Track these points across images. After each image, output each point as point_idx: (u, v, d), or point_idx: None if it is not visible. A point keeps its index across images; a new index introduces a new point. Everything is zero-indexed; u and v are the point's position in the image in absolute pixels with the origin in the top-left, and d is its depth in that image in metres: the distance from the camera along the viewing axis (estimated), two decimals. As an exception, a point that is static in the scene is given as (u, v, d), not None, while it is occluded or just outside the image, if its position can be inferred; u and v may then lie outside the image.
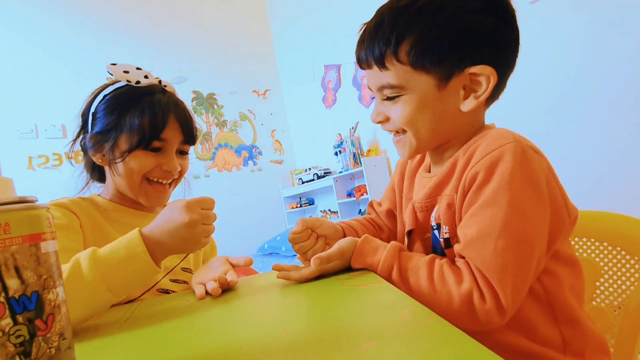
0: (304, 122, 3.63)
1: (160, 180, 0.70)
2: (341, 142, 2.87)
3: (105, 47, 3.01)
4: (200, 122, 3.39)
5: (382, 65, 0.52)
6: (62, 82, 2.75)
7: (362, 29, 0.55)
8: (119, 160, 0.66)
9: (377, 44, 0.52)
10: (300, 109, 3.64)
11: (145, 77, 0.68)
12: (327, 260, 0.51)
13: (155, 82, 0.70)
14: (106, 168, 0.71)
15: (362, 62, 0.55)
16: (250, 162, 3.58)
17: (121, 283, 0.47)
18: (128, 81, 0.67)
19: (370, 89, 0.58)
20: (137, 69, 0.68)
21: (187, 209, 0.50)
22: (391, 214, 0.73)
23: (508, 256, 0.43)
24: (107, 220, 0.68)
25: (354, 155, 2.71)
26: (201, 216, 0.50)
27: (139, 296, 0.64)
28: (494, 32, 0.50)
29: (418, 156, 0.68)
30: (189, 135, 0.71)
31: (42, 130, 2.74)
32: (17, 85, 2.69)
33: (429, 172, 0.63)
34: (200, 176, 3.30)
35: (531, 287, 0.48)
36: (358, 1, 2.56)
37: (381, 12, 0.53)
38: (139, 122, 0.64)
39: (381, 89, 0.54)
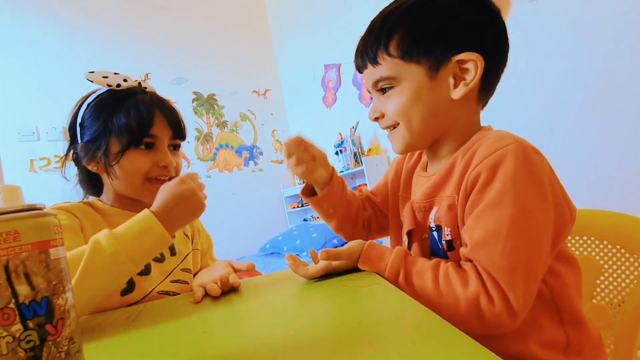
0: (304, 122, 3.62)
1: (159, 177, 0.71)
2: (342, 142, 2.87)
3: (105, 49, 3.01)
4: (201, 123, 3.40)
5: (375, 62, 0.55)
6: (63, 84, 2.75)
7: (358, 41, 0.59)
8: (114, 162, 0.67)
9: (370, 45, 0.55)
10: (301, 109, 3.64)
11: (125, 80, 0.69)
12: (335, 255, 0.52)
13: (135, 84, 0.71)
14: (103, 175, 0.71)
15: (360, 67, 0.59)
16: (251, 162, 3.58)
17: (140, 252, 0.52)
18: (109, 85, 0.68)
19: (369, 92, 0.60)
20: (115, 73, 0.69)
21: (183, 181, 0.58)
22: (377, 205, 0.75)
23: (517, 257, 0.43)
24: (110, 224, 0.69)
25: (355, 155, 2.71)
26: (196, 184, 0.59)
27: (141, 299, 0.64)
28: (476, 22, 0.52)
29: (415, 155, 0.68)
30: (178, 130, 0.72)
31: (44, 132, 2.74)
32: (18, 87, 2.69)
33: (426, 170, 0.63)
34: (201, 177, 3.28)
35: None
36: (358, 0, 2.56)
37: (373, 21, 0.57)
38: (125, 121, 0.66)
39: (376, 83, 0.56)
